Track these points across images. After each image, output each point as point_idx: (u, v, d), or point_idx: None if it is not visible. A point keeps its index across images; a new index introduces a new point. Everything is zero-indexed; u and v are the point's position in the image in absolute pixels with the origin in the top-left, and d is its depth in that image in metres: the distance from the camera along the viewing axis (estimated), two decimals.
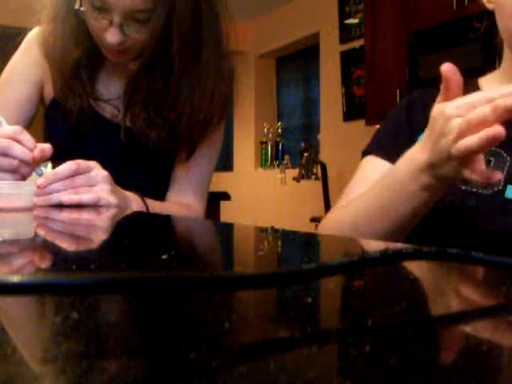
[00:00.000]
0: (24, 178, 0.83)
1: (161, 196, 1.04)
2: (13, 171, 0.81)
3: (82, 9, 0.90)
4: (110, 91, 1.04)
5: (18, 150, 0.81)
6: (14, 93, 1.01)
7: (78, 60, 0.99)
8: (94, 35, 0.94)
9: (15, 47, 1.06)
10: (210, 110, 0.99)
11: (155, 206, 0.94)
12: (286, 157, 4.90)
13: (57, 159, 0.85)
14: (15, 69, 1.05)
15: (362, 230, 0.70)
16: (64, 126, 1.02)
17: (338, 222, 0.76)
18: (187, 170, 1.04)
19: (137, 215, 0.81)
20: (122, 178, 0.92)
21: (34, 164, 0.83)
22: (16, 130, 0.82)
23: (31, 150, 0.81)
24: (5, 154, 0.80)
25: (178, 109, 0.97)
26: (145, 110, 0.99)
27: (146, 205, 0.91)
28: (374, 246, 0.51)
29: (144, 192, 0.94)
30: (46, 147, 0.83)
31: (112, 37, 0.89)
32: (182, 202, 1.03)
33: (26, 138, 0.82)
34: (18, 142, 0.81)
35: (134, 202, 0.90)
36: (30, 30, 1.06)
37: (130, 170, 1.01)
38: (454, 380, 0.15)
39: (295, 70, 5.11)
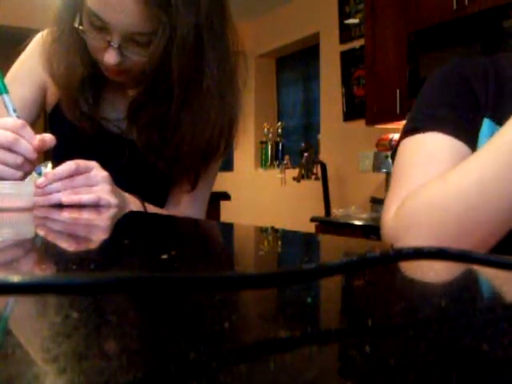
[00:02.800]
0: (25, 175, 0.82)
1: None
2: (16, 167, 0.80)
3: (80, 27, 0.89)
4: (116, 110, 1.03)
5: (24, 147, 0.79)
6: (18, 94, 1.01)
7: (84, 80, 0.97)
8: (93, 54, 0.92)
9: (23, 47, 1.05)
10: (212, 140, 0.96)
11: (153, 210, 0.94)
12: (286, 157, 4.89)
13: (59, 162, 0.85)
14: (21, 70, 1.04)
15: (476, 208, 0.59)
16: (68, 131, 1.01)
17: (431, 203, 0.62)
18: (187, 193, 1.04)
19: (137, 215, 0.81)
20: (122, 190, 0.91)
21: (36, 159, 0.82)
22: (19, 124, 0.81)
23: (33, 147, 0.80)
24: (10, 150, 0.79)
25: (179, 136, 0.95)
26: (148, 131, 0.97)
27: (144, 207, 0.91)
28: (375, 246, 0.52)
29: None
30: (48, 137, 0.81)
31: (110, 58, 0.87)
32: (180, 212, 1.03)
33: (29, 134, 0.81)
34: (21, 137, 0.80)
35: (133, 204, 0.90)
36: (30, 29, 1.05)
37: (131, 183, 1.00)
38: (454, 380, 0.15)
39: (295, 70, 5.11)
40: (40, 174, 0.83)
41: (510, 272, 0.28)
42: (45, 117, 1.10)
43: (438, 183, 0.63)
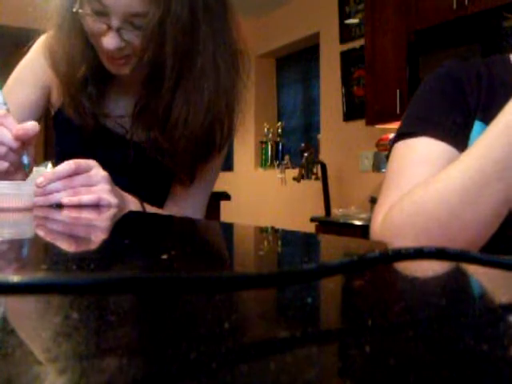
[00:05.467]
0: (11, 166, 0.80)
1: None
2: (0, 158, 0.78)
3: (80, 11, 0.89)
4: (120, 107, 1.02)
5: (6, 136, 0.78)
6: (22, 94, 1.00)
7: (86, 76, 0.97)
8: (94, 43, 0.92)
9: (27, 49, 1.05)
10: (208, 126, 0.95)
11: (152, 210, 0.94)
12: (286, 157, 4.89)
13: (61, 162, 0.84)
14: (24, 71, 1.04)
15: (465, 209, 0.59)
16: (72, 133, 1.01)
17: (415, 211, 0.62)
18: (187, 190, 1.04)
19: (136, 215, 0.81)
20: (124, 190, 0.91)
21: (21, 148, 0.80)
22: (1, 113, 0.79)
23: (13, 135, 0.78)
24: None
25: (173, 118, 0.94)
26: (151, 129, 0.97)
27: (143, 207, 0.91)
28: (375, 246, 0.51)
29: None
30: (29, 125, 0.79)
31: (110, 41, 0.87)
32: (180, 210, 1.03)
33: (10, 123, 0.79)
34: (2, 126, 0.78)
35: (132, 204, 0.90)
36: (30, 29, 1.05)
37: (132, 183, 0.99)
38: (454, 380, 0.15)
39: (295, 70, 5.11)
40: (27, 164, 0.80)
41: (510, 272, 0.28)
42: (46, 118, 1.10)
43: (421, 190, 0.63)
